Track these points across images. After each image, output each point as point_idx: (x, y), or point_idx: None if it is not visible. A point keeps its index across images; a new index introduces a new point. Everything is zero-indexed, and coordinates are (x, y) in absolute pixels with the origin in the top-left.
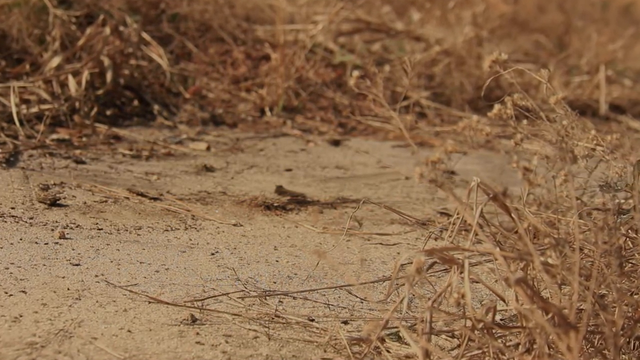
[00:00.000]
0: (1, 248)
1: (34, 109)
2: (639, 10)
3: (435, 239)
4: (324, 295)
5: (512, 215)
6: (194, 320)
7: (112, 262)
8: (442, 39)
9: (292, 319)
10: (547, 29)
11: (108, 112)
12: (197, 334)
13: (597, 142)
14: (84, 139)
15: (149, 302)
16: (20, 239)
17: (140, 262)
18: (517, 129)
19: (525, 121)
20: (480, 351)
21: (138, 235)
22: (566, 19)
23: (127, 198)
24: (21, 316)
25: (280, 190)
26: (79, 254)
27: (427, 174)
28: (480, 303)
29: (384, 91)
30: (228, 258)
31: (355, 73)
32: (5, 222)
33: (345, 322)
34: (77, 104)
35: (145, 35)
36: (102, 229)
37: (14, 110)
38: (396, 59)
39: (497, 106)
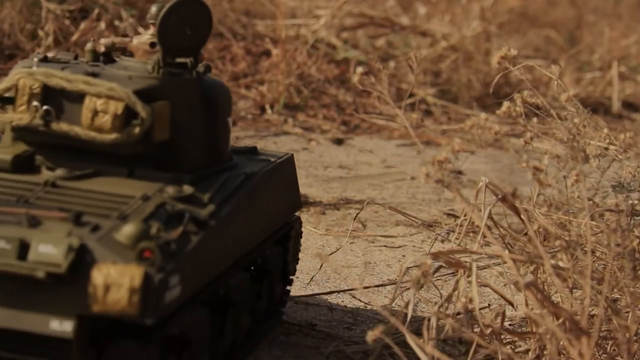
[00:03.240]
0: None
1: None
2: None
3: (442, 242)
4: (327, 299)
5: (522, 216)
6: None
7: None
8: (449, 34)
9: (293, 323)
10: (557, 23)
11: None
12: None
13: (609, 141)
14: None
15: None
16: None
17: None
18: (526, 127)
19: (535, 119)
20: (488, 357)
21: None
22: (578, 13)
23: None
24: None
25: None
26: None
27: (434, 173)
28: (489, 307)
29: (388, 88)
30: None
31: (359, 69)
32: None
33: (349, 328)
34: None
35: (141, 30)
36: None
37: None
38: (401, 54)
39: (506, 104)
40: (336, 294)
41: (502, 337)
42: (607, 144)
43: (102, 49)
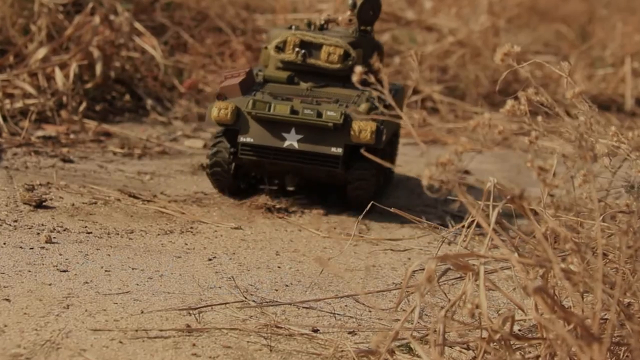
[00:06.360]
0: None
1: (19, 104)
2: None
3: (449, 244)
4: (329, 304)
5: (531, 218)
6: (189, 330)
7: (102, 268)
8: (456, 28)
9: (294, 329)
10: (569, 18)
11: (98, 107)
12: (194, 345)
13: (618, 139)
14: (72, 136)
15: (142, 311)
16: (4, 244)
17: (132, 268)
18: (532, 125)
19: (540, 117)
20: None
21: (130, 239)
22: (589, 8)
23: (118, 199)
24: (5, 326)
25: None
26: (66, 259)
27: (437, 176)
28: (497, 313)
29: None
30: (226, 264)
31: (359, 68)
32: None
33: (352, 333)
34: (64, 98)
35: (137, 25)
36: (91, 233)
37: None
38: (407, 50)
39: (510, 102)
40: (339, 298)
41: (511, 343)
42: (617, 143)
43: (322, 22)
